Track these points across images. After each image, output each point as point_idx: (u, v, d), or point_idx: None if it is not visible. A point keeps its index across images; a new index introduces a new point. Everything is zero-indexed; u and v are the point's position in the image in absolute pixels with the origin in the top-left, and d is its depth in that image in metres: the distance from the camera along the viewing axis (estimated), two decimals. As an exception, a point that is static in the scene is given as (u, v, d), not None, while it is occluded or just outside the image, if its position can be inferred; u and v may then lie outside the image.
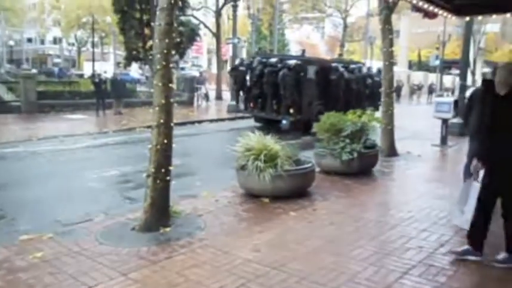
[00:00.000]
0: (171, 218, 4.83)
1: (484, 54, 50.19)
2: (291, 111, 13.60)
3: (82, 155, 9.87)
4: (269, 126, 13.46)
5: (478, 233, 3.87)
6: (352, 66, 16.27)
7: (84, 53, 54.46)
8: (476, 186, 3.88)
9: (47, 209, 5.84)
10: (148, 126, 5.75)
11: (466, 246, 3.95)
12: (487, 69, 55.86)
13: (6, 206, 5.87)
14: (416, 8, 7.23)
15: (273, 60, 14.47)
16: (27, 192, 6.61)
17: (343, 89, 14.68)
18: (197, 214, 5.16)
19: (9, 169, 8.42)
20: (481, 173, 3.82)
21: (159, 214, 4.68)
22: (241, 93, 15.69)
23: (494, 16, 11.07)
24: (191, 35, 28.78)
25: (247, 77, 14.90)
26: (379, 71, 15.96)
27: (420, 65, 49.21)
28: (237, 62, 17.62)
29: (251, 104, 15.04)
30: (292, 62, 13.99)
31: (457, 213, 4.26)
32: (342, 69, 15.06)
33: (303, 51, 17.29)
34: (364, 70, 16.92)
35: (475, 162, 3.83)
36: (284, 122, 13.53)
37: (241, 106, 15.75)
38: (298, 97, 13.67)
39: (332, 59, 20.43)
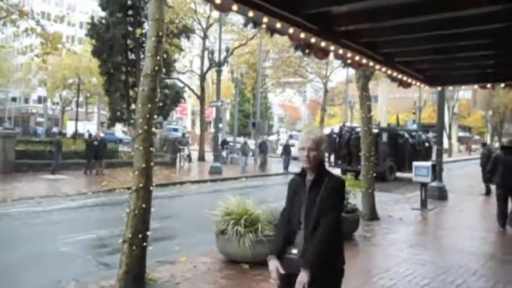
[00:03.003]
0: (146, 286, 4.65)
1: (458, 119, 52.26)
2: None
3: (58, 217, 9.59)
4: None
5: None
6: (413, 133, 22.03)
7: (68, 112, 54.64)
8: None
9: (16, 276, 5.56)
10: (129, 188, 5.70)
11: None
12: (462, 134, 58.01)
13: (-28, 273, 5.57)
14: (391, 78, 7.60)
15: (358, 129, 18.91)
16: (-4, 258, 6.31)
17: (408, 149, 19.33)
18: (174, 282, 4.98)
19: (-21, 232, 8.09)
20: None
21: (135, 282, 4.50)
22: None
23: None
24: (176, 97, 29.44)
25: (337, 142, 20.19)
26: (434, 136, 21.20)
27: (398, 129, 50.66)
28: (329, 131, 23.52)
29: (339, 161, 20.05)
30: (373, 130, 17.88)
31: None
32: (406, 135, 20.20)
33: (379, 123, 24.76)
34: (423, 136, 22.40)
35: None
36: None
37: (332, 163, 20.40)
38: (376, 155, 17.41)
39: (400, 127, 25.48)
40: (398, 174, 19.39)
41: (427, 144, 21.36)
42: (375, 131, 19.12)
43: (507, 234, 8.71)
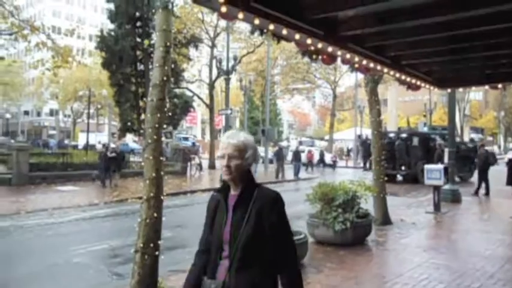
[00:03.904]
0: (159, 295, 4.64)
1: (470, 120, 51.75)
2: (403, 168, 19.45)
3: (71, 228, 9.66)
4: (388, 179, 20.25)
5: None
6: (447, 136, 21.34)
7: (79, 124, 55.31)
8: None
9: (30, 288, 5.61)
10: (140, 198, 5.73)
11: None
12: (475, 135, 57.40)
13: (-13, 285, 5.63)
14: (400, 81, 7.55)
15: (391, 135, 21.09)
16: (10, 270, 6.37)
17: (439, 152, 18.78)
18: (187, 291, 4.96)
19: (-6, 245, 8.18)
20: None
21: (147, 292, 4.50)
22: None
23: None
24: (185, 106, 29.64)
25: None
26: (471, 140, 22.00)
27: (409, 132, 50.25)
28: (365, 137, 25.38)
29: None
30: (403, 135, 20.68)
31: None
32: (438, 139, 20.05)
33: (410, 127, 25.53)
34: (458, 139, 22.11)
35: None
36: (398, 176, 20.23)
37: (367, 167, 22.34)
38: (407, 158, 19.37)
39: (432, 131, 25.03)
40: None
41: (463, 146, 21.60)
42: (403, 135, 20.61)
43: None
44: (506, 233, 8.70)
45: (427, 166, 11.43)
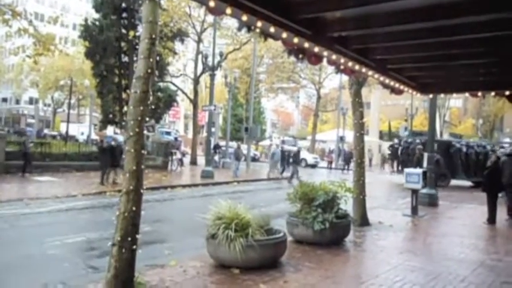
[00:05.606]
0: (135, 290, 4.60)
1: (449, 127, 52.74)
2: None
3: (47, 219, 9.48)
4: None
5: None
6: (472, 144, 22.34)
7: (59, 114, 54.25)
8: None
9: (1, 280, 5.47)
10: (119, 190, 5.66)
11: None
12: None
13: (-43, 275, 5.48)
14: (384, 85, 7.64)
15: (409, 140, 22.59)
16: (-17, 260, 6.22)
17: (463, 158, 20.32)
18: (163, 286, 4.93)
19: (-34, 233, 7.96)
20: None
21: (123, 286, 4.45)
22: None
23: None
24: (168, 100, 29.37)
25: (399, 151, 22.55)
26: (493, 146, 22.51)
27: (390, 135, 51.01)
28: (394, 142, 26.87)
29: (399, 167, 22.63)
30: (418, 140, 21.72)
31: None
32: (458, 145, 20.92)
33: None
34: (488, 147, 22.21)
35: None
36: None
37: (395, 169, 24.33)
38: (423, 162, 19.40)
39: (457, 139, 25.43)
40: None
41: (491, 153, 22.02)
42: (418, 140, 21.39)
43: (496, 241, 8.78)
44: (479, 238, 8.91)
45: (406, 170, 11.61)
